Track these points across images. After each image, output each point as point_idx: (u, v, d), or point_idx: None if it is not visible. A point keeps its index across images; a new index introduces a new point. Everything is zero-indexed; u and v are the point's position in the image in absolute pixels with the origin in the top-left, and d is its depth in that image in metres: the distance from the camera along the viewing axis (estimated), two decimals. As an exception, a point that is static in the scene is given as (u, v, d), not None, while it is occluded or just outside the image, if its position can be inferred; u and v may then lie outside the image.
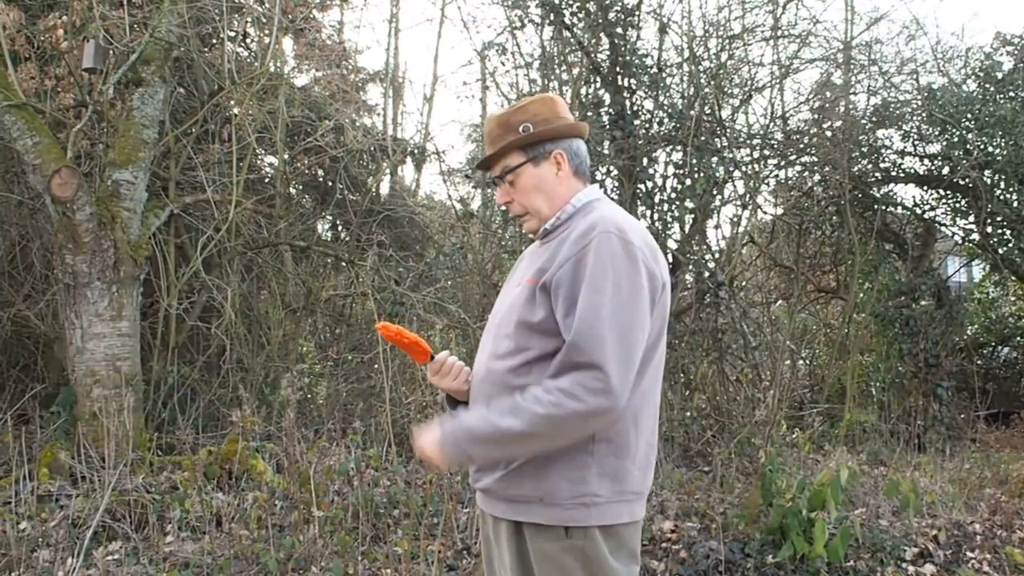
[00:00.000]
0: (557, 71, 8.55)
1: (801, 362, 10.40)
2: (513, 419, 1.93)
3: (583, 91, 8.26)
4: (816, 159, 9.19)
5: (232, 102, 8.06)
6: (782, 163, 9.15)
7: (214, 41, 8.40)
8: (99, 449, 5.81)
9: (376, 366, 8.03)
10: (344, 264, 8.80)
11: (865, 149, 9.57)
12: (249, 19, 8.43)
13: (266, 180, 9.24)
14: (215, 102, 7.67)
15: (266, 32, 8.06)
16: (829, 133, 9.13)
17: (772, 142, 8.87)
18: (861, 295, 10.10)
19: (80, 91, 7.07)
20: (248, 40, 9.32)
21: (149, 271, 6.98)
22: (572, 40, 8.16)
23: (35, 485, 5.10)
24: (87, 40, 6.60)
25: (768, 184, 9.38)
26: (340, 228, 10.38)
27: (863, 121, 9.50)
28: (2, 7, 6.50)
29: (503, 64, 8.77)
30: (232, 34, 8.55)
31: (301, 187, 10.07)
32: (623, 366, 1.91)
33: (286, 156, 8.71)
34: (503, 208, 2.28)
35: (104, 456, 5.62)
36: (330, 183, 9.59)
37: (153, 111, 6.79)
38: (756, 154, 8.68)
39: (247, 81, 7.34)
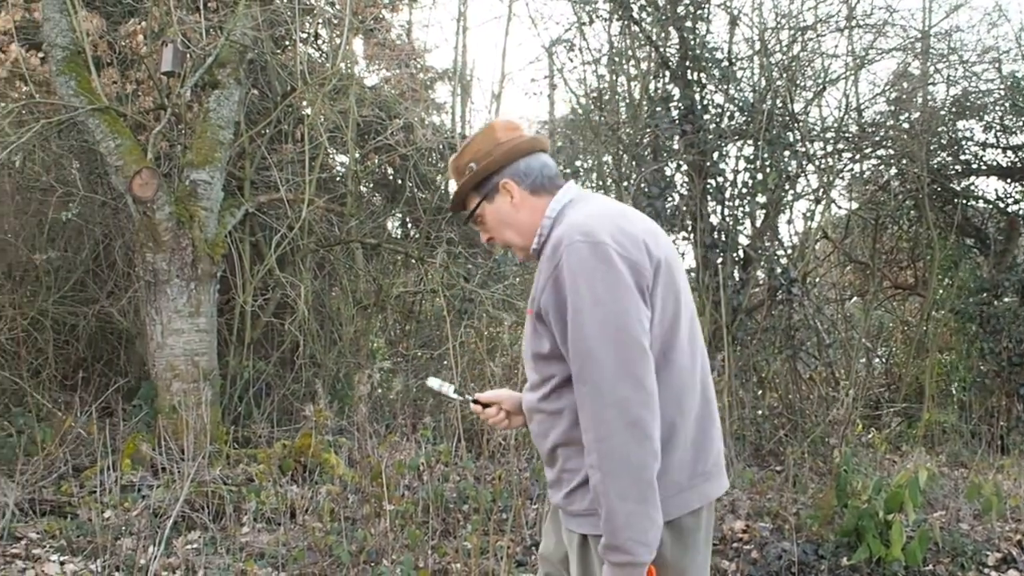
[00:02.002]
0: (625, 66, 8.49)
1: (877, 360, 10.16)
2: (597, 488, 1.90)
3: (651, 86, 8.18)
4: (893, 152, 8.95)
5: (304, 102, 8.20)
6: (857, 156, 8.93)
7: (286, 43, 8.55)
8: (178, 441, 5.98)
9: (446, 362, 8.09)
10: (414, 261, 8.89)
11: (944, 141, 9.29)
12: (320, 21, 8.58)
13: (337, 179, 9.38)
14: (288, 103, 7.82)
15: (337, 33, 8.19)
16: (906, 125, 8.88)
17: (847, 135, 8.66)
18: (940, 292, 9.82)
19: (159, 94, 7.27)
20: (319, 41, 9.48)
21: (225, 269, 7.15)
22: (640, 35, 8.09)
23: (118, 475, 5.27)
24: (165, 44, 6.79)
25: (842, 178, 9.18)
26: (410, 226, 10.48)
27: (942, 112, 9.22)
28: (85, 15, 6.73)
29: (571, 60, 8.74)
30: (304, 36, 8.70)
31: (372, 185, 10.21)
32: (626, 364, 1.87)
33: (357, 155, 8.83)
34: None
35: (183, 448, 5.77)
36: (400, 181, 9.69)
37: (228, 112, 6.95)
38: (830, 148, 8.48)
39: (319, 82, 7.46)
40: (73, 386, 7.27)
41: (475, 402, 2.39)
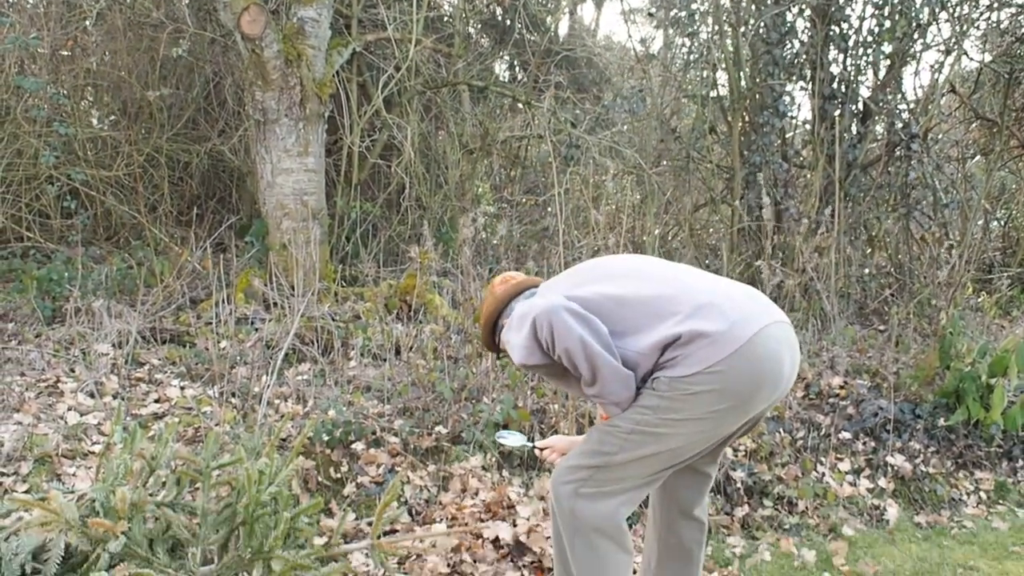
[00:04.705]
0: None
1: (995, 223, 9.65)
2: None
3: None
4: (1036, -1, 8.19)
5: (412, -64, 7.92)
6: (995, 4, 8.20)
7: None
8: (289, 278, 6.15)
9: (550, 208, 8.04)
10: (521, 105, 8.71)
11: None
12: None
13: (445, 18, 9.16)
14: (395, -64, 7.57)
15: None
16: (1055, -32, 8.08)
17: (986, -21, 7.96)
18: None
19: (265, -74, 7.11)
20: None
21: (333, 109, 7.14)
22: None
23: (232, 308, 5.47)
24: None
25: (977, 27, 8.43)
26: (517, 69, 10.24)
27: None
28: None
29: None
30: None
31: (480, 26, 9.94)
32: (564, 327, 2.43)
33: (465, -7, 8.57)
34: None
35: (293, 284, 5.94)
36: (508, 22, 9.40)
37: (335, -54, 6.77)
38: (966, -6, 7.82)
39: (426, -87, 7.17)
40: (188, 222, 7.50)
41: (534, 447, 3.01)
